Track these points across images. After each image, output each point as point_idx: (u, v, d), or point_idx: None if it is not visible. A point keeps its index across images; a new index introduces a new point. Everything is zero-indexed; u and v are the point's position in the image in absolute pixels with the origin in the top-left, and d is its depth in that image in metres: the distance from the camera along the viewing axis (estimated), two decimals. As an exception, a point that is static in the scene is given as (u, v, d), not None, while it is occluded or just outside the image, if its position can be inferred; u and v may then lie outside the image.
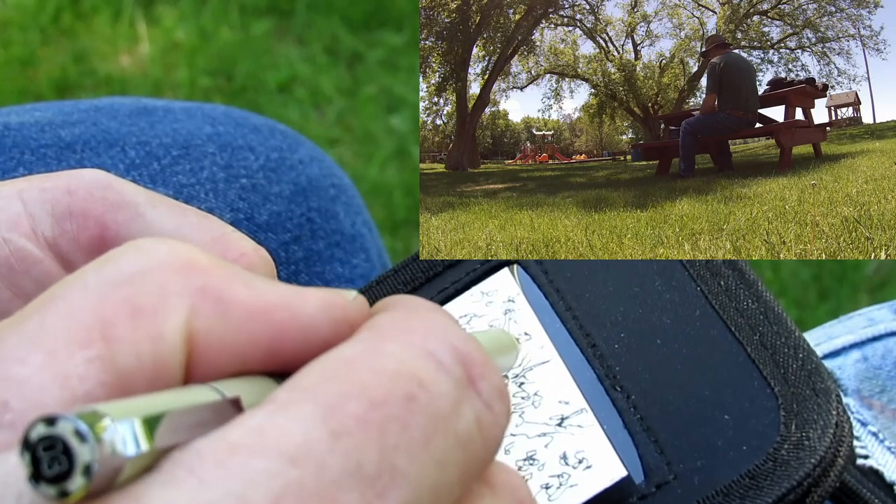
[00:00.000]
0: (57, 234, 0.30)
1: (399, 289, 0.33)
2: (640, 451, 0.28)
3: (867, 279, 1.34)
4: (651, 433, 0.28)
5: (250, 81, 1.57)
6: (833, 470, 0.26)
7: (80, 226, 0.30)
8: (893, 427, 0.42)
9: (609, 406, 0.29)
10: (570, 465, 0.28)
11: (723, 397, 0.28)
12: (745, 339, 0.29)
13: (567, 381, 0.29)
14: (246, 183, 0.47)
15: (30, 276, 0.29)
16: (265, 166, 0.48)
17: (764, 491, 0.26)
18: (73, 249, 0.30)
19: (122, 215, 0.30)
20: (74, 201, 0.30)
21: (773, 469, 0.26)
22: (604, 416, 0.29)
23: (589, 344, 0.30)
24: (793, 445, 0.27)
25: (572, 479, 0.27)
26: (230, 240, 0.30)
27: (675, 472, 0.27)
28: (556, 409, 0.29)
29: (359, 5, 1.67)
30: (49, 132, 0.46)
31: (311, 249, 0.47)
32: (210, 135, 0.48)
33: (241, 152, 0.48)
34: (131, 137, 0.47)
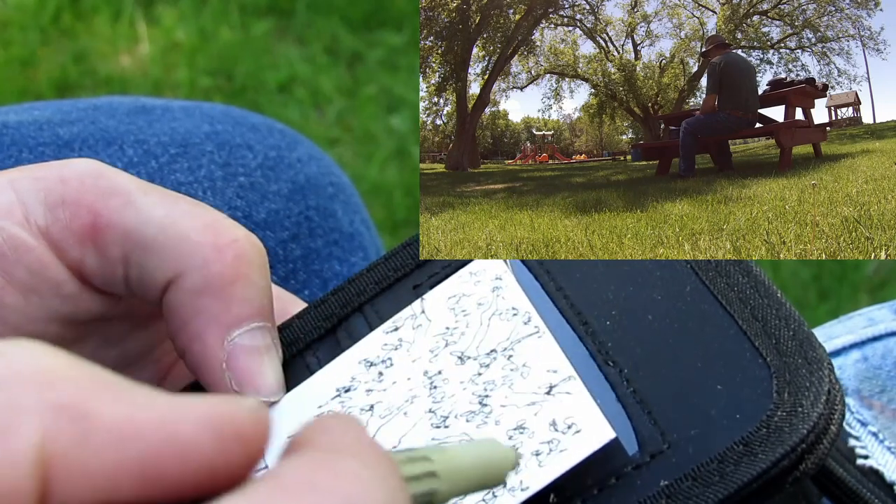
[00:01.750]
0: (49, 222, 0.30)
1: (390, 275, 0.33)
2: (634, 423, 0.28)
3: (867, 279, 1.34)
4: (644, 405, 0.28)
5: (250, 81, 1.57)
6: (826, 437, 0.27)
7: (73, 214, 0.30)
8: (893, 427, 0.42)
9: (602, 380, 0.29)
10: (559, 431, 0.28)
11: (715, 368, 0.28)
12: (736, 312, 0.29)
13: (555, 351, 0.30)
14: (244, 181, 0.47)
15: (22, 264, 0.29)
16: (263, 165, 0.48)
17: (758, 457, 0.26)
18: (66, 237, 0.30)
19: (114, 203, 0.30)
20: (67, 190, 0.30)
21: (766, 436, 0.26)
22: (597, 391, 0.29)
23: (581, 322, 0.30)
24: (786, 412, 0.27)
25: (562, 444, 0.28)
26: (222, 226, 0.30)
27: (669, 442, 0.27)
28: (544, 378, 0.29)
29: (359, 5, 1.67)
30: (47, 131, 0.46)
31: (310, 248, 0.47)
32: (208, 133, 0.48)
33: (239, 151, 0.48)
34: (129, 136, 0.47)
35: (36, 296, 0.30)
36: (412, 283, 0.33)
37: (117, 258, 0.30)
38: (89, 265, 0.30)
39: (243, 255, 0.30)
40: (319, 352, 0.32)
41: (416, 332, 0.31)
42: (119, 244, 0.30)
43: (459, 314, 0.31)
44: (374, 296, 0.33)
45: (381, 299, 0.33)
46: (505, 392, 0.29)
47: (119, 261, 0.30)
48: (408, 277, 0.33)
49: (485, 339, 0.31)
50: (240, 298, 0.29)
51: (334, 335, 0.33)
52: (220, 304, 0.29)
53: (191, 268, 0.29)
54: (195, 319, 0.29)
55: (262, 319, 0.30)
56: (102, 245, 0.30)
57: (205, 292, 0.29)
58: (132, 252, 0.30)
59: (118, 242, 0.30)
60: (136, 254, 0.30)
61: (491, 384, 0.30)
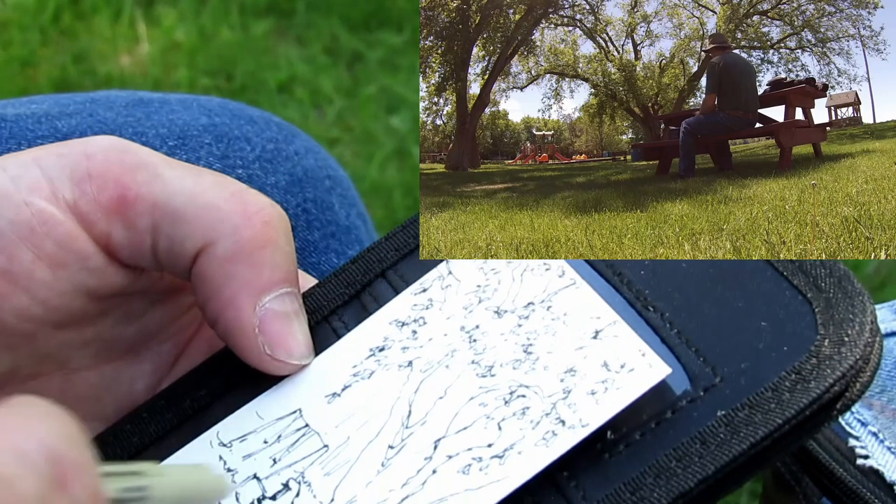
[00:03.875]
0: (77, 196, 0.30)
1: (410, 242, 0.33)
2: (682, 361, 0.28)
3: (867, 279, 1.34)
4: (690, 344, 0.28)
5: (250, 81, 1.57)
6: (869, 365, 0.27)
7: (100, 187, 0.30)
8: (893, 427, 0.42)
9: (644, 325, 0.29)
10: (612, 371, 0.28)
11: (756, 307, 0.28)
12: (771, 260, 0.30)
13: (595, 299, 0.30)
14: (242, 173, 0.47)
15: (51, 238, 0.29)
16: (261, 157, 0.48)
17: (811, 384, 0.26)
18: (94, 210, 0.30)
19: (141, 176, 0.30)
20: (93, 164, 0.30)
21: (817, 365, 0.27)
22: (641, 334, 0.29)
23: (615, 273, 0.30)
24: (833, 342, 0.27)
25: (616, 382, 0.28)
26: (249, 195, 0.30)
27: (721, 375, 0.28)
28: (588, 324, 0.29)
29: (359, 5, 1.67)
30: (46, 123, 0.46)
31: (307, 240, 0.48)
32: (206, 125, 0.48)
33: (237, 143, 0.48)
34: (127, 128, 0.47)
35: (64, 270, 0.30)
36: None
37: (146, 230, 0.30)
38: (117, 238, 0.30)
39: (271, 222, 0.30)
40: (345, 317, 0.33)
41: (445, 291, 0.31)
42: (148, 215, 0.30)
43: (489, 272, 0.31)
44: (396, 261, 0.33)
45: (402, 264, 0.33)
46: (549, 340, 0.29)
47: (147, 232, 0.30)
48: (411, 256, 0.33)
49: (520, 294, 0.31)
50: (270, 264, 0.30)
51: (359, 300, 0.33)
52: (251, 269, 0.30)
53: (222, 235, 0.30)
54: (228, 286, 0.30)
55: (290, 285, 0.31)
56: (131, 217, 0.30)
57: (236, 259, 0.30)
58: (161, 223, 0.30)
59: (147, 214, 0.30)
60: (165, 224, 0.30)
61: (533, 333, 0.30)
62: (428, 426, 0.29)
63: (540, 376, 0.29)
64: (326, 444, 0.30)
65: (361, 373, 0.31)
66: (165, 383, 0.34)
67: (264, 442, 0.30)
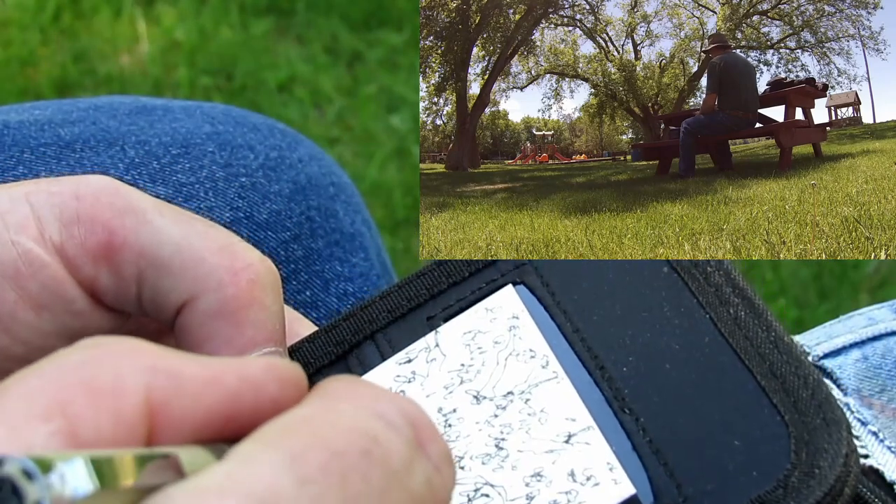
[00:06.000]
0: (64, 238, 0.29)
1: (403, 304, 0.33)
2: (650, 474, 0.28)
3: (867, 279, 1.34)
4: (660, 456, 0.28)
5: (250, 81, 1.57)
6: (841, 499, 0.27)
7: (88, 231, 0.30)
8: (893, 426, 0.42)
9: (618, 428, 0.29)
10: (577, 482, 0.28)
11: (733, 423, 0.28)
12: (755, 367, 0.29)
13: (573, 398, 0.29)
14: (245, 181, 0.47)
15: (36, 280, 0.29)
16: (265, 165, 0.48)
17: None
18: (80, 254, 0.30)
19: (130, 222, 0.30)
20: (82, 206, 0.30)
21: (783, 496, 0.26)
22: (612, 438, 0.28)
23: (597, 366, 0.30)
24: (803, 473, 0.27)
25: (580, 496, 0.27)
26: (237, 249, 0.30)
27: (685, 495, 0.27)
28: (562, 426, 0.29)
29: (359, 5, 1.67)
30: (49, 131, 0.46)
31: (311, 248, 0.47)
32: (209, 133, 0.48)
33: (240, 151, 0.48)
34: (131, 136, 0.47)
35: (48, 312, 0.30)
36: (426, 314, 0.32)
37: (131, 277, 0.30)
38: (102, 283, 0.30)
39: (258, 280, 0.30)
40: None
41: (429, 365, 0.31)
42: (134, 263, 0.30)
43: (475, 351, 0.31)
44: (387, 325, 0.33)
45: (393, 328, 0.32)
46: (522, 437, 0.29)
47: (133, 280, 0.30)
48: (421, 308, 0.33)
49: (501, 380, 0.30)
50: (253, 323, 0.30)
51: (345, 361, 0.32)
52: (233, 327, 0.29)
53: (206, 290, 0.29)
54: (209, 342, 0.29)
55: (274, 344, 0.30)
56: (117, 264, 0.30)
57: (219, 315, 0.29)
58: (147, 272, 0.30)
59: (133, 262, 0.30)
60: (150, 274, 0.30)
61: (508, 427, 0.29)
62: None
63: (507, 476, 0.28)
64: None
65: None
66: None
67: None
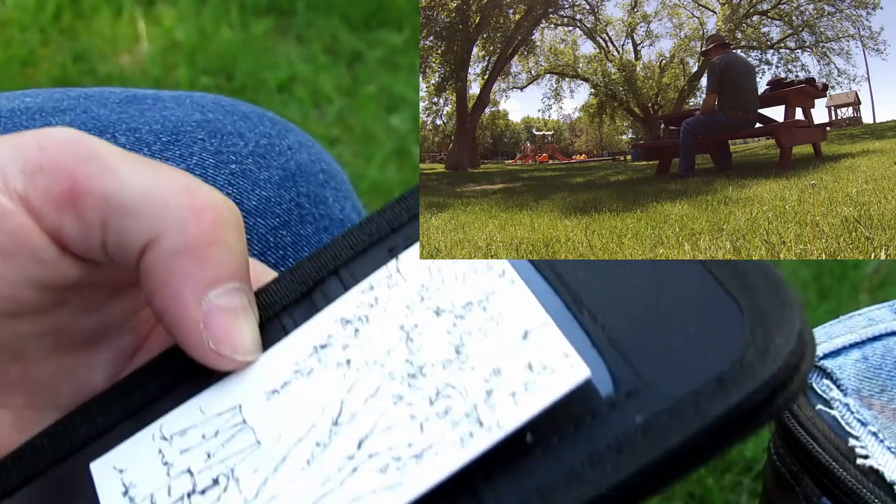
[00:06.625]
0: (28, 188, 0.30)
1: (365, 240, 0.33)
2: (609, 364, 0.28)
3: (867, 279, 1.34)
4: (618, 347, 0.28)
5: (250, 81, 1.57)
6: (797, 375, 0.27)
7: (52, 180, 0.30)
8: (893, 427, 0.42)
9: (577, 327, 0.29)
10: (534, 372, 0.28)
11: (687, 311, 0.28)
12: (707, 262, 0.30)
13: (530, 300, 0.30)
14: (235, 168, 0.47)
15: (2, 229, 0.30)
16: (254, 152, 0.48)
17: (731, 393, 0.26)
18: (45, 203, 0.30)
19: (92, 168, 0.30)
20: (45, 157, 0.30)
21: (739, 373, 0.27)
22: (570, 334, 0.29)
23: (554, 274, 0.31)
24: (758, 350, 0.27)
25: (537, 383, 0.28)
26: (199, 190, 0.31)
27: (645, 381, 0.28)
28: (519, 325, 0.29)
29: (359, 5, 1.67)
30: (39, 120, 0.46)
31: (300, 234, 0.48)
32: (200, 121, 0.48)
33: (230, 138, 0.48)
34: (121, 124, 0.47)
35: (15, 260, 0.30)
36: (387, 245, 0.33)
37: (96, 223, 0.30)
38: (68, 231, 0.30)
39: (220, 219, 0.30)
40: (295, 314, 0.33)
41: (391, 290, 0.32)
42: (98, 209, 0.30)
43: (435, 272, 0.32)
44: (349, 259, 0.33)
45: (356, 262, 0.33)
46: (480, 340, 0.29)
47: (97, 226, 0.30)
48: (383, 241, 0.33)
49: (460, 293, 0.31)
50: (216, 261, 0.30)
51: (310, 298, 0.33)
52: (197, 265, 0.30)
53: (168, 230, 0.30)
54: (172, 280, 0.30)
55: (238, 281, 0.31)
56: (81, 210, 0.30)
57: (182, 254, 0.30)
58: (110, 217, 0.30)
59: (97, 208, 0.30)
60: (114, 218, 0.30)
61: (467, 334, 0.30)
62: (355, 425, 0.29)
63: (467, 377, 0.29)
64: (259, 441, 0.30)
65: (302, 370, 0.31)
66: (124, 375, 0.34)
67: (202, 437, 0.31)
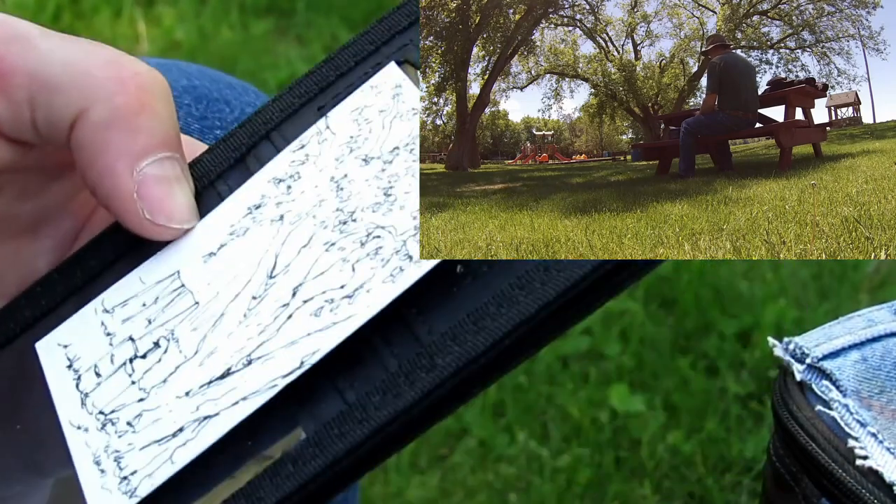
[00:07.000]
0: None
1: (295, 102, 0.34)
2: None
3: (867, 279, 1.34)
4: None
5: (250, 81, 1.57)
6: None
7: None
8: (893, 428, 0.42)
9: None
10: None
11: None
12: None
13: None
14: (220, 134, 0.47)
15: None
16: (239, 119, 0.48)
17: None
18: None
19: (16, 48, 0.30)
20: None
21: None
22: None
23: None
24: None
25: None
26: (124, 61, 0.31)
27: None
28: None
29: (359, 4, 1.67)
30: None
31: None
32: (186, 87, 0.48)
33: (216, 105, 0.48)
34: None
35: None
36: (316, 105, 0.33)
37: (24, 101, 0.30)
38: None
39: (146, 87, 0.30)
40: (230, 180, 0.33)
41: (321, 146, 0.32)
42: (24, 87, 0.30)
43: (363, 123, 0.32)
44: (280, 122, 0.34)
45: (286, 124, 0.33)
46: (409, 181, 0.30)
47: (26, 104, 0.30)
48: (312, 101, 0.34)
49: (387, 140, 0.31)
50: (146, 129, 0.30)
51: (244, 163, 0.33)
52: (126, 135, 0.30)
53: (96, 101, 0.30)
54: (104, 153, 0.30)
55: (169, 150, 0.31)
56: (7, 90, 0.30)
57: (111, 125, 0.30)
58: (38, 94, 0.30)
59: (23, 85, 0.30)
60: (41, 95, 0.30)
61: (395, 177, 0.30)
62: (289, 275, 0.30)
63: (396, 216, 0.29)
64: (197, 301, 0.30)
65: (237, 231, 0.31)
66: None
67: (143, 305, 0.31)
